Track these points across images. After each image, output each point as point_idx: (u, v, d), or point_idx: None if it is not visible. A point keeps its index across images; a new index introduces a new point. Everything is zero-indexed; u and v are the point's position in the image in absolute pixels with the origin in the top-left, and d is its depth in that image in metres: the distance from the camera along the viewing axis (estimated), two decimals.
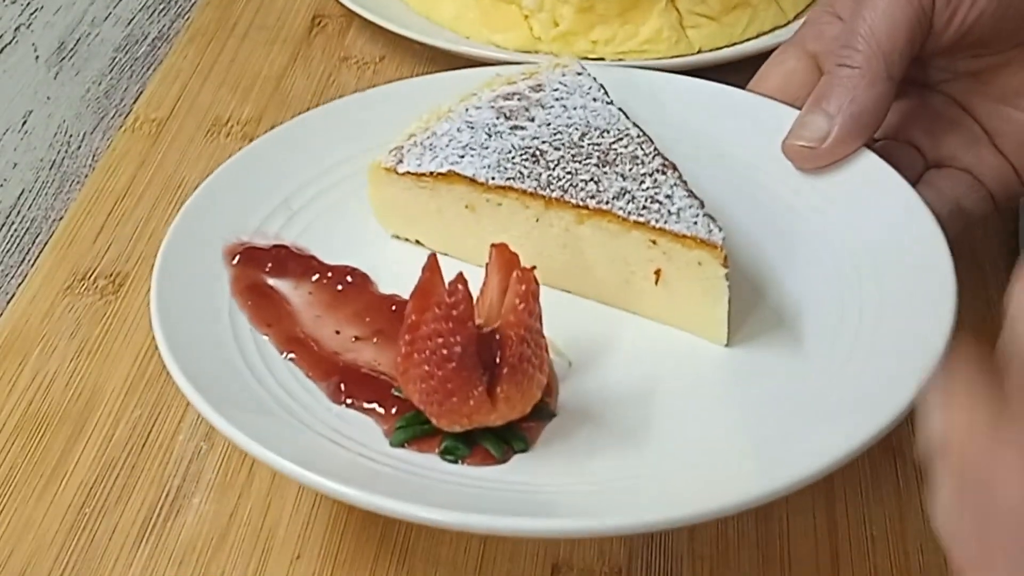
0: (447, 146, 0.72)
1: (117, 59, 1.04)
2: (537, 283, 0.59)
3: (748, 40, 1.00)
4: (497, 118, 0.73)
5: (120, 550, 0.67)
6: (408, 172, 0.71)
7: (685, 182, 0.68)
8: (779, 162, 0.76)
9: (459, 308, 0.56)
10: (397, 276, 0.68)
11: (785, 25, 1.01)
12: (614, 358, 0.67)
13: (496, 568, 0.67)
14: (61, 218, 0.89)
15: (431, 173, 0.71)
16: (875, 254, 0.69)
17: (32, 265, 0.85)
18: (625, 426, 0.62)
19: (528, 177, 0.68)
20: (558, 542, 0.67)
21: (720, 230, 0.64)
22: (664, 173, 0.68)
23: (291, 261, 0.72)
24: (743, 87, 0.81)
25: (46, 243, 0.87)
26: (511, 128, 0.72)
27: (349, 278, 0.72)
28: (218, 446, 0.72)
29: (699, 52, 0.98)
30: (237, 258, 0.72)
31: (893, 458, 0.70)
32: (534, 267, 0.59)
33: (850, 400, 0.61)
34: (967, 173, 0.77)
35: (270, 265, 0.72)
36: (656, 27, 0.97)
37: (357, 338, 0.68)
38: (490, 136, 0.72)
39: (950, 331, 0.61)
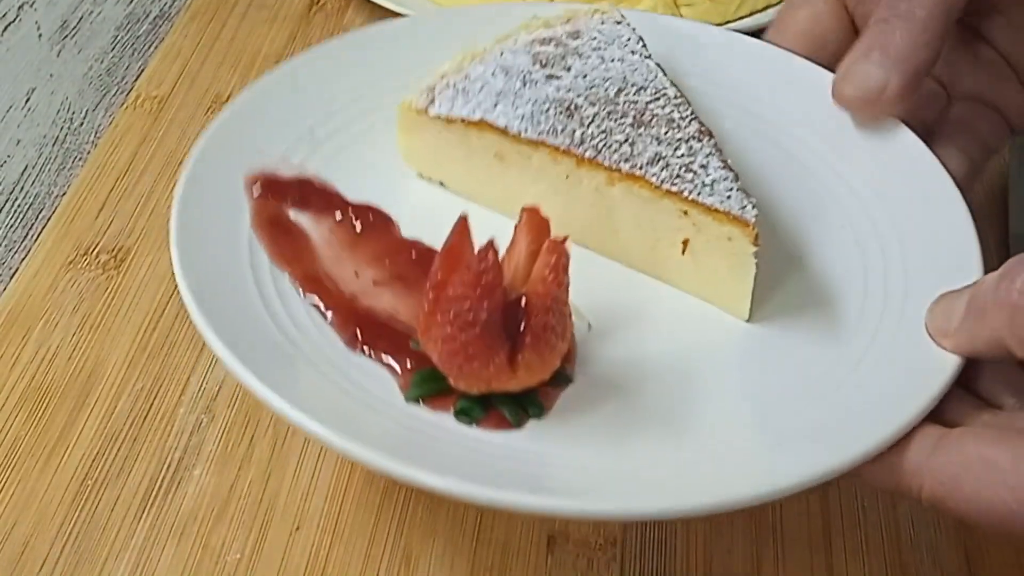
0: (480, 91, 0.69)
1: (119, 37, 1.04)
2: (568, 255, 0.57)
3: (741, 18, 1.00)
4: (533, 65, 0.70)
5: (122, 521, 0.68)
6: (439, 116, 0.69)
7: (720, 151, 0.65)
8: (816, 132, 0.73)
9: (489, 275, 0.55)
10: (420, 219, 0.67)
11: (778, 3, 1.01)
12: (633, 324, 0.65)
13: (493, 539, 0.67)
14: (64, 194, 0.89)
15: (462, 119, 0.68)
16: (903, 237, 0.67)
17: (35, 240, 0.86)
18: (637, 400, 0.61)
19: (562, 133, 0.66)
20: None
21: (754, 207, 0.62)
22: (700, 140, 0.66)
23: (314, 195, 0.69)
24: None
25: (49, 218, 0.87)
26: (546, 77, 0.69)
27: (371, 217, 0.69)
28: (219, 419, 0.73)
29: None
30: (258, 188, 0.68)
31: None
32: (567, 237, 0.57)
33: (877, 390, 0.59)
34: (990, 108, 0.75)
35: (292, 198, 0.69)
36: (650, 5, 0.97)
37: (376, 282, 0.65)
38: (525, 84, 0.69)
39: None
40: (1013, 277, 0.54)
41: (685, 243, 0.65)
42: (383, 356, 0.61)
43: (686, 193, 0.63)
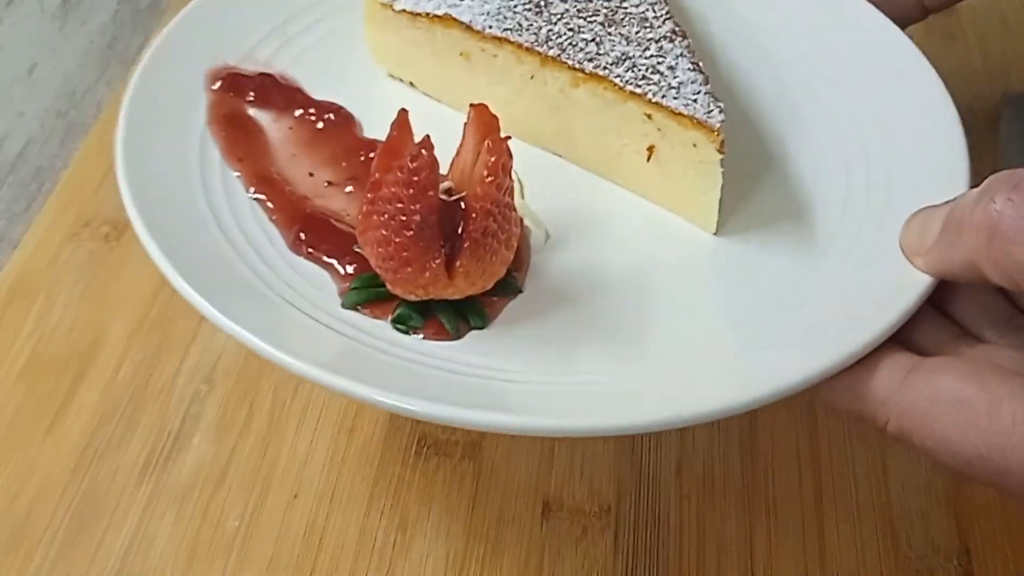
0: None
1: (120, 11, 1.04)
2: (510, 154, 0.54)
3: None
4: None
5: (123, 490, 0.69)
6: (404, 10, 0.67)
7: (692, 52, 0.63)
8: (805, 37, 0.71)
9: (421, 174, 0.53)
10: (385, 119, 0.60)
11: None
12: (594, 235, 0.62)
13: (488, 505, 0.68)
14: (66, 166, 0.90)
15: (427, 14, 0.66)
16: (887, 141, 0.64)
17: (38, 212, 0.86)
18: (593, 313, 0.58)
19: (527, 30, 0.64)
20: (548, 479, 0.69)
21: (720, 111, 0.59)
22: (672, 41, 0.63)
23: (275, 91, 0.68)
24: None
25: (51, 191, 0.88)
26: None
27: (332, 116, 0.67)
28: (218, 388, 0.73)
29: None
30: (218, 83, 0.67)
31: None
32: (508, 137, 0.55)
33: (843, 307, 0.56)
34: None
35: (252, 93, 0.67)
36: None
37: (330, 183, 0.64)
38: None
39: None
40: (993, 195, 0.50)
41: (650, 150, 0.63)
42: (324, 259, 0.59)
43: (650, 95, 0.60)
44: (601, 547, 0.66)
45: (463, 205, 0.54)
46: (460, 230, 0.54)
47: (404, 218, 0.53)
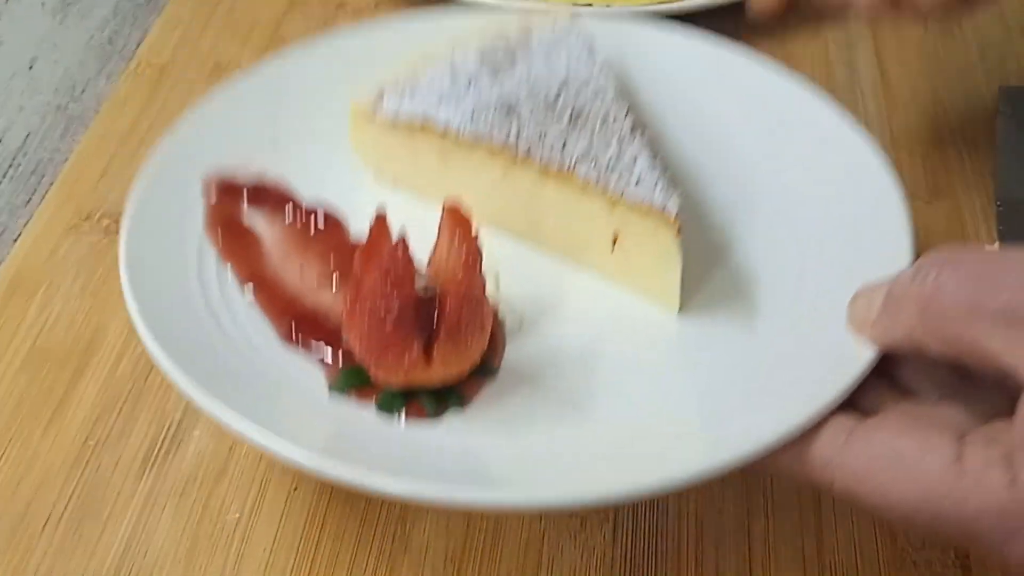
0: (427, 92, 0.72)
1: (120, 6, 1.05)
2: (480, 250, 0.59)
3: None
4: (481, 67, 0.73)
5: (123, 482, 0.69)
6: (386, 117, 0.72)
7: (651, 146, 0.67)
8: (752, 120, 0.75)
9: (398, 272, 0.58)
10: (370, 217, 0.66)
11: None
12: (566, 318, 0.67)
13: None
14: (66, 160, 0.90)
15: (406, 121, 0.71)
16: (834, 221, 0.68)
17: (38, 205, 0.86)
18: (567, 391, 0.62)
19: (499, 132, 0.68)
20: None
21: (677, 200, 0.64)
22: (632, 137, 0.68)
23: (268, 196, 0.72)
24: (734, 34, 0.81)
25: (51, 184, 0.88)
26: (492, 78, 0.72)
27: (322, 218, 0.71)
28: None
29: None
30: (214, 190, 0.71)
31: None
32: (478, 234, 0.60)
33: (793, 379, 0.59)
34: None
35: (247, 199, 0.71)
36: None
37: (320, 281, 0.68)
38: (470, 85, 0.72)
39: None
40: (926, 273, 0.53)
41: (614, 237, 0.66)
42: (314, 350, 0.64)
43: (612, 189, 0.65)
44: (599, 540, 0.66)
45: (439, 298, 0.59)
46: (436, 320, 0.59)
47: (383, 311, 0.58)
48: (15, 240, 0.84)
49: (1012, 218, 0.82)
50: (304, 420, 0.59)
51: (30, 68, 0.92)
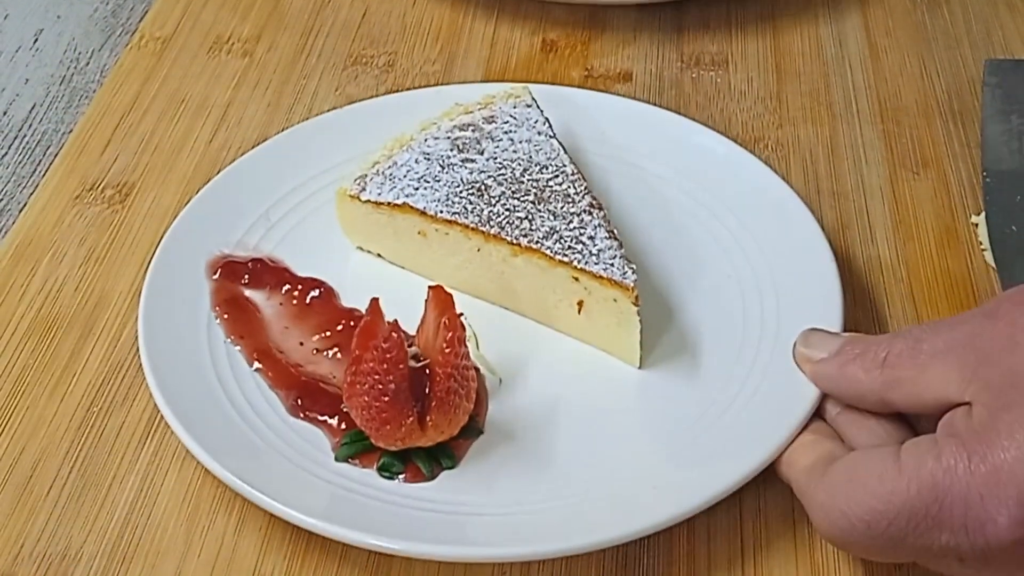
0: (404, 177, 0.78)
1: None
2: (463, 328, 0.66)
3: None
4: (451, 150, 0.80)
5: (126, 447, 0.70)
6: (369, 200, 0.78)
7: (608, 222, 0.75)
8: (702, 188, 0.83)
9: (393, 352, 0.64)
10: (359, 288, 0.76)
11: None
12: (540, 375, 0.73)
13: None
14: (70, 131, 0.91)
15: (388, 203, 0.77)
16: (776, 281, 0.76)
17: (43, 176, 0.88)
18: (541, 447, 0.69)
19: (471, 212, 0.75)
20: None
21: (633, 272, 0.71)
22: (591, 213, 0.75)
23: (266, 273, 0.77)
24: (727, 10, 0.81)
25: (56, 155, 0.89)
26: (462, 161, 0.79)
27: (316, 291, 0.77)
28: None
29: None
30: (217, 271, 0.76)
31: None
32: (461, 313, 0.66)
33: (744, 425, 0.68)
34: None
35: (247, 277, 0.77)
36: None
37: (317, 350, 0.73)
38: (443, 168, 0.78)
39: None
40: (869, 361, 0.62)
41: (580, 304, 0.73)
42: (319, 419, 0.69)
43: (576, 263, 0.72)
44: None
45: (428, 371, 0.66)
46: (428, 390, 0.65)
47: (381, 387, 0.64)
48: (21, 210, 0.85)
49: (998, 189, 0.83)
50: (311, 486, 0.66)
51: (35, 41, 0.93)
